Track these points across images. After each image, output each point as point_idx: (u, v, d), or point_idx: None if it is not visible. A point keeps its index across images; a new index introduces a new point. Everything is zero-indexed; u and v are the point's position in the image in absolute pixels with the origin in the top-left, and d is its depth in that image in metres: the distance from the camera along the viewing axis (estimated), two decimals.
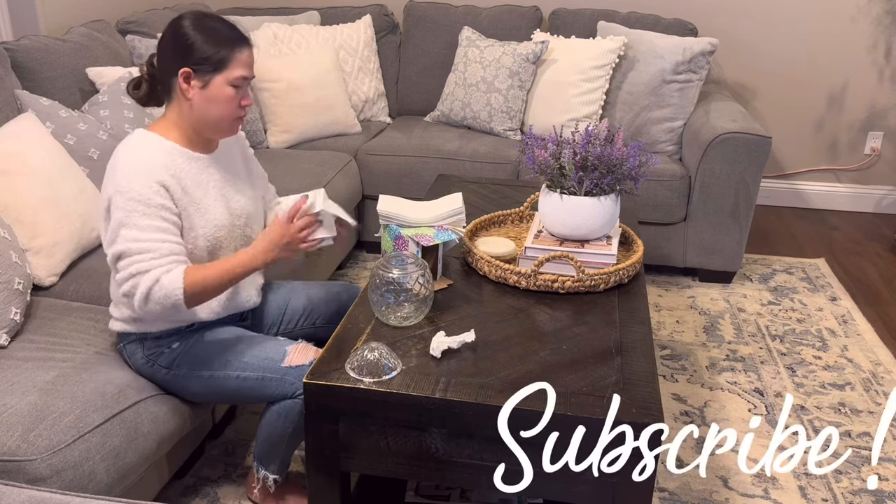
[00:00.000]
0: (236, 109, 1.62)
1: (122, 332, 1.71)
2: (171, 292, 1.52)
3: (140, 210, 1.53)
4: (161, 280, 1.52)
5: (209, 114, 1.60)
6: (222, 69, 1.57)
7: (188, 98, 1.59)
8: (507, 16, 3.56)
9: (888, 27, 3.68)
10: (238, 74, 1.59)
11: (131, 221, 1.52)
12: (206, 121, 1.62)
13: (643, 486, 1.39)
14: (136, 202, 1.53)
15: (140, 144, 1.58)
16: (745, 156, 2.87)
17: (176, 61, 1.57)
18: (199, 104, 1.59)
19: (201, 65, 1.56)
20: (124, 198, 1.53)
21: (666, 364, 2.55)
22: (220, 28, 1.59)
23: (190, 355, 1.69)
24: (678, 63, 3.10)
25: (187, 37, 1.56)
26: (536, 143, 1.89)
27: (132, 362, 1.71)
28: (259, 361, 1.67)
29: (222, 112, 1.61)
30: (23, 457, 1.40)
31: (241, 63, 1.59)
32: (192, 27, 1.57)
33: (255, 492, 1.84)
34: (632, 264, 1.84)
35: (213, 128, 1.63)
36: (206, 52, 1.56)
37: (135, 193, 1.53)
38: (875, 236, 3.70)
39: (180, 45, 1.56)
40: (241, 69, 1.59)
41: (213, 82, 1.58)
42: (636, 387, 1.44)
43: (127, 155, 1.56)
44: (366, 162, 3.20)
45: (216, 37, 1.57)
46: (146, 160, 1.56)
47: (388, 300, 1.59)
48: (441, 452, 1.46)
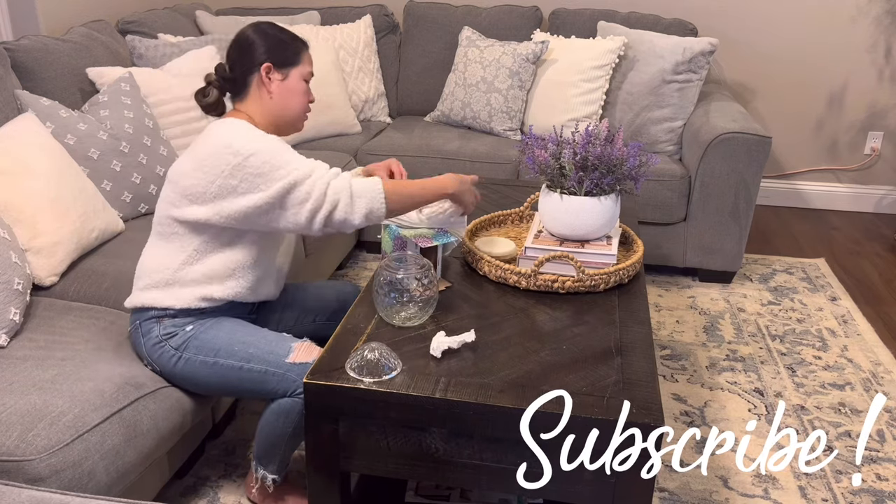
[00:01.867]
0: (307, 104, 1.77)
1: (143, 307, 1.72)
2: (372, 186, 1.61)
3: (282, 150, 1.60)
4: (355, 179, 1.62)
5: (289, 106, 1.73)
6: (297, 63, 1.73)
7: (269, 91, 1.71)
8: (507, 16, 3.56)
9: (888, 27, 3.68)
10: (309, 69, 1.76)
11: (282, 160, 1.59)
12: (285, 113, 1.73)
13: (643, 486, 1.39)
14: (274, 150, 1.59)
15: (242, 124, 1.65)
16: (745, 156, 2.87)
17: (256, 58, 1.70)
18: (280, 97, 1.71)
19: (280, 56, 1.70)
20: (261, 154, 1.58)
21: (666, 364, 2.55)
22: (284, 32, 1.74)
23: (200, 340, 1.70)
24: (678, 63, 3.10)
25: (264, 36, 1.71)
26: (536, 143, 1.89)
27: (144, 342, 1.72)
28: (264, 354, 1.68)
29: (298, 104, 1.74)
30: (22, 456, 1.39)
31: (308, 60, 1.76)
32: (262, 33, 1.71)
33: (254, 492, 1.84)
34: (632, 264, 1.84)
35: (290, 120, 1.75)
36: (286, 47, 1.71)
37: (268, 146, 1.59)
38: (875, 236, 3.70)
39: (259, 44, 1.70)
40: (309, 65, 1.76)
41: (291, 75, 1.72)
42: (636, 387, 1.44)
43: (234, 132, 1.62)
44: (366, 162, 3.20)
45: (286, 38, 1.73)
46: (255, 130, 1.64)
47: (392, 300, 1.59)
48: (441, 452, 1.46)
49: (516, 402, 1.38)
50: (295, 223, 1.62)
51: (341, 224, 1.63)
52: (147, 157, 2.42)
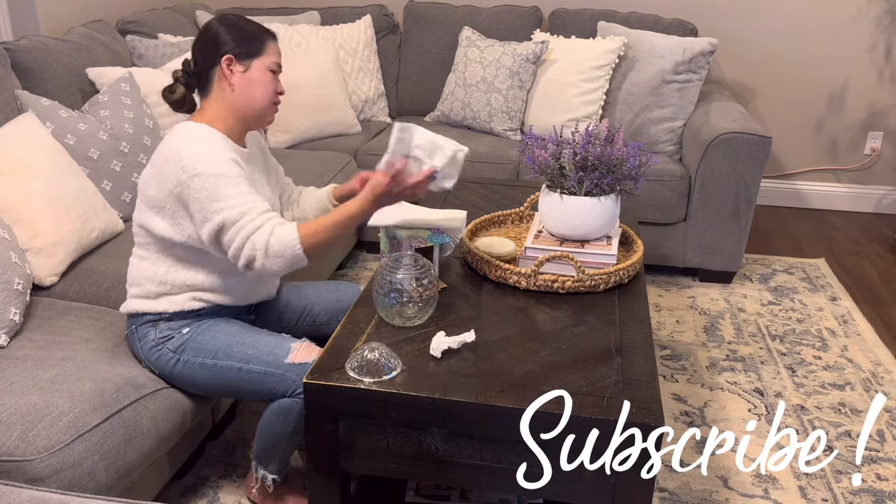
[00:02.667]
0: (274, 95, 1.71)
1: (138, 312, 1.72)
2: (289, 242, 1.56)
3: (224, 182, 1.57)
4: (276, 232, 1.57)
5: (253, 97, 1.68)
6: (260, 54, 1.68)
7: (231, 83, 1.66)
8: (507, 16, 3.56)
9: (888, 27, 3.68)
10: (273, 60, 1.70)
11: (220, 194, 1.56)
12: (250, 106, 1.69)
13: (643, 486, 1.39)
14: (218, 176, 1.57)
15: (198, 132, 1.62)
16: (745, 156, 2.87)
17: (217, 50, 1.66)
18: (242, 89, 1.67)
19: (242, 48, 1.66)
20: (204, 178, 1.56)
21: (666, 364, 2.55)
22: (250, 23, 1.71)
23: (197, 342, 1.70)
24: (678, 63, 3.10)
25: (223, 30, 1.67)
26: (536, 143, 1.89)
27: (142, 346, 1.72)
28: (263, 355, 1.68)
29: (264, 95, 1.69)
30: (22, 457, 1.39)
31: (273, 51, 1.71)
32: (226, 24, 1.68)
33: (254, 492, 1.84)
34: (632, 264, 1.84)
35: (255, 113, 1.70)
36: (246, 37, 1.67)
37: (213, 170, 1.57)
38: (875, 236, 3.70)
39: (220, 36, 1.67)
40: (275, 56, 1.71)
41: (253, 66, 1.67)
42: (636, 387, 1.44)
43: (188, 142, 1.59)
44: (366, 162, 3.20)
45: (250, 28, 1.69)
46: (211, 142, 1.61)
47: (392, 301, 1.59)
48: (441, 452, 1.46)
49: (516, 402, 1.38)
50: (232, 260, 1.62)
51: (262, 273, 1.61)
52: (147, 157, 2.42)
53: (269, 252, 1.56)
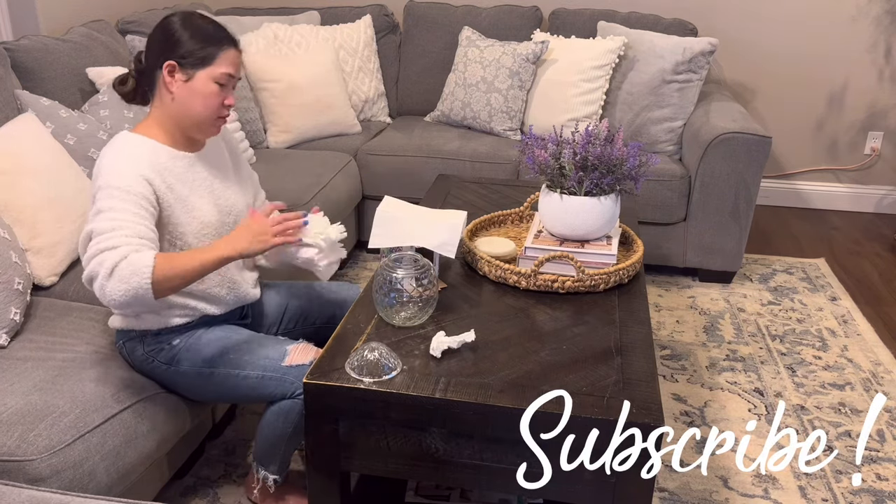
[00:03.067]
0: (219, 108, 1.62)
1: (123, 329, 1.71)
2: (138, 270, 1.43)
3: (118, 196, 1.50)
4: (130, 257, 1.44)
5: (191, 108, 1.60)
6: (207, 64, 1.58)
7: (171, 91, 1.59)
8: (507, 16, 3.56)
9: (888, 27, 3.68)
10: (223, 71, 1.59)
11: (107, 206, 1.50)
12: (187, 115, 1.61)
13: (643, 486, 1.39)
14: (117, 190, 1.51)
15: (123, 144, 1.58)
16: (745, 156, 2.87)
17: (162, 54, 1.58)
18: (182, 98, 1.59)
19: (186, 58, 1.57)
20: (105, 189, 1.51)
21: (666, 364, 2.55)
22: (209, 27, 1.60)
23: (190, 352, 1.69)
24: (678, 63, 3.10)
25: (174, 32, 1.58)
26: (536, 143, 1.89)
27: (132, 360, 1.71)
28: (259, 360, 1.67)
29: (205, 107, 1.60)
30: (22, 457, 1.40)
31: (226, 61, 1.60)
32: (181, 24, 1.59)
33: (255, 492, 1.84)
34: (632, 264, 1.84)
35: (194, 124, 1.62)
36: (192, 47, 1.57)
37: (117, 184, 1.51)
38: (875, 236, 3.70)
39: (167, 40, 1.58)
40: (226, 67, 1.60)
41: (196, 76, 1.58)
42: (636, 387, 1.44)
43: (109, 155, 1.55)
44: (366, 162, 3.20)
45: (204, 34, 1.59)
46: (128, 157, 1.55)
47: (392, 300, 1.59)
48: (441, 452, 1.46)
49: (516, 402, 1.38)
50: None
51: (101, 299, 1.46)
52: None
53: (114, 275, 1.42)
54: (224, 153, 1.80)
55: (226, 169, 1.77)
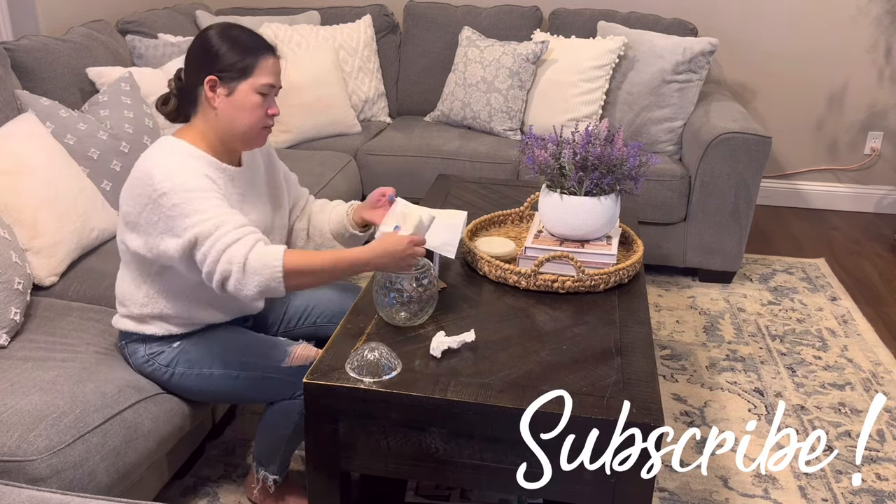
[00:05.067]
0: (263, 118, 1.60)
1: (125, 330, 1.71)
2: (269, 262, 1.45)
3: (197, 196, 1.48)
4: (256, 247, 1.46)
5: (236, 122, 1.58)
6: (248, 76, 1.56)
7: (214, 107, 1.57)
8: (507, 16, 3.56)
9: (888, 27, 3.68)
10: (264, 82, 1.57)
11: (192, 208, 1.47)
12: (233, 130, 1.59)
13: (643, 486, 1.39)
14: (189, 192, 1.48)
15: (172, 149, 1.55)
16: (745, 156, 2.87)
17: (202, 70, 1.56)
18: (226, 112, 1.57)
19: (227, 72, 1.55)
20: (173, 195, 1.48)
21: (666, 364, 2.55)
22: (245, 37, 1.58)
23: (191, 354, 1.69)
24: (678, 63, 3.10)
25: (212, 45, 1.55)
26: (536, 143, 1.89)
27: (132, 361, 1.71)
28: (260, 361, 1.67)
29: (249, 120, 1.58)
30: (23, 457, 1.40)
31: (266, 70, 1.58)
32: (218, 36, 1.56)
33: (255, 492, 1.84)
34: (632, 264, 1.84)
35: (240, 137, 1.61)
36: (231, 59, 1.55)
37: (185, 186, 1.48)
38: (875, 236, 3.70)
39: (206, 54, 1.56)
40: (267, 77, 1.58)
41: (238, 89, 1.56)
42: (636, 387, 1.44)
43: (159, 160, 1.52)
44: (366, 162, 3.20)
45: (241, 45, 1.56)
46: (182, 159, 1.53)
47: (392, 300, 1.59)
48: (441, 452, 1.46)
49: (516, 402, 1.38)
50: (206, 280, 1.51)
51: (237, 294, 1.48)
52: None
53: (247, 267, 1.45)
54: (261, 170, 1.77)
55: (259, 186, 1.75)
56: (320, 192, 2.76)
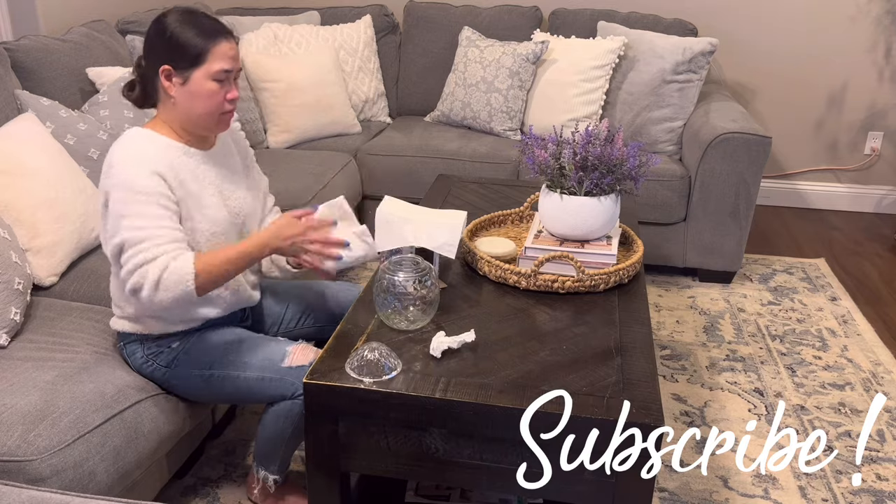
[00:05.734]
0: (222, 104, 1.60)
1: (123, 332, 1.71)
2: (182, 278, 1.49)
3: (139, 199, 1.51)
4: (170, 266, 1.49)
5: (194, 110, 1.59)
6: (201, 63, 1.55)
7: (171, 95, 1.58)
8: (507, 16, 3.56)
9: (888, 27, 3.68)
10: (218, 68, 1.56)
11: (130, 211, 1.50)
12: (192, 117, 1.60)
13: (643, 486, 1.39)
14: (134, 192, 1.51)
15: (133, 139, 1.57)
16: (745, 156, 2.87)
17: (156, 60, 1.57)
18: (183, 101, 1.58)
19: (179, 61, 1.55)
20: (121, 190, 1.51)
21: (666, 364, 2.55)
22: (198, 22, 1.56)
23: (190, 355, 1.69)
24: (678, 63, 3.10)
25: (163, 33, 1.55)
26: (536, 143, 1.89)
27: (131, 362, 1.71)
28: (259, 362, 1.67)
29: (206, 107, 1.58)
30: (23, 457, 1.40)
31: (220, 56, 1.56)
32: (170, 24, 1.56)
33: (255, 492, 1.84)
34: (632, 264, 1.84)
35: (201, 124, 1.62)
36: (182, 48, 1.54)
37: (132, 184, 1.51)
38: (875, 236, 3.70)
39: (158, 43, 1.56)
40: (221, 62, 1.56)
41: (192, 78, 1.56)
42: (636, 387, 1.44)
43: (120, 150, 1.55)
44: (366, 162, 3.20)
45: (193, 31, 1.55)
46: (141, 152, 1.54)
47: (393, 304, 1.59)
48: (441, 452, 1.46)
49: (516, 402, 1.38)
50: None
51: (150, 306, 1.54)
52: None
53: (160, 286, 1.49)
54: (234, 154, 1.78)
55: (235, 170, 1.76)
56: (320, 193, 2.76)
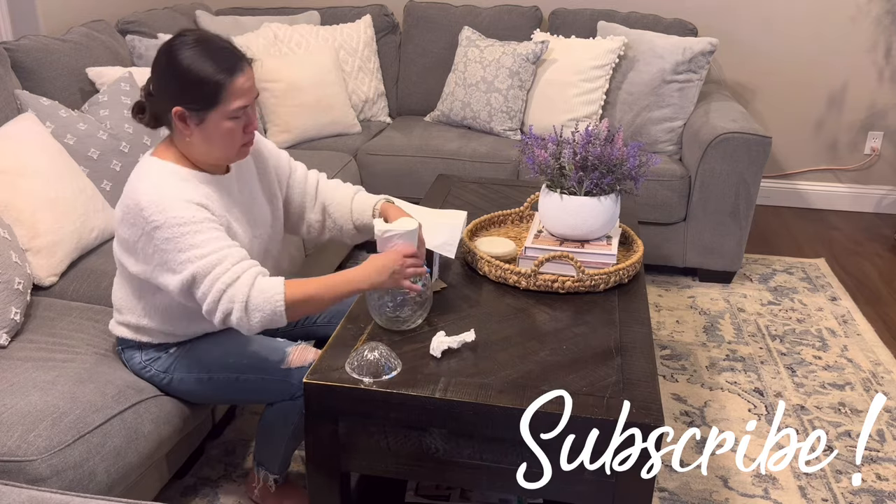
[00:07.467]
0: (240, 138, 1.53)
1: (121, 337, 1.70)
2: (271, 297, 1.44)
3: (190, 230, 1.44)
4: (257, 284, 1.45)
5: (212, 149, 1.53)
6: (217, 104, 1.47)
7: (187, 135, 1.50)
8: (507, 16, 3.56)
9: (888, 27, 3.68)
10: (235, 106, 1.48)
11: (187, 243, 1.44)
12: (211, 155, 1.54)
13: (643, 486, 1.39)
14: (182, 226, 1.44)
15: (159, 177, 1.49)
16: (745, 156, 2.87)
17: (169, 99, 1.48)
18: (199, 141, 1.51)
19: (193, 102, 1.46)
20: (166, 229, 1.44)
21: (666, 364, 2.55)
22: (213, 55, 1.46)
23: (188, 358, 1.69)
24: (678, 63, 3.10)
25: (177, 70, 1.45)
26: (536, 143, 1.89)
27: (130, 366, 1.71)
28: (259, 363, 1.67)
29: (222, 146, 1.52)
30: (23, 457, 1.40)
31: (236, 93, 1.47)
32: (183, 59, 1.45)
33: (256, 492, 1.84)
34: (632, 264, 1.84)
35: (221, 158, 1.56)
36: (196, 88, 1.45)
37: (177, 219, 1.44)
38: (875, 236, 3.70)
39: (172, 81, 1.47)
40: (238, 100, 1.48)
41: (209, 119, 1.48)
42: (636, 387, 1.44)
43: (149, 191, 1.46)
44: (366, 162, 3.20)
45: (208, 67, 1.44)
46: (172, 189, 1.47)
47: (385, 303, 1.59)
48: (441, 452, 1.46)
49: (516, 402, 1.38)
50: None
51: (238, 329, 1.48)
52: None
53: (250, 305, 1.44)
54: (252, 169, 1.74)
55: (253, 182, 1.72)
56: None
